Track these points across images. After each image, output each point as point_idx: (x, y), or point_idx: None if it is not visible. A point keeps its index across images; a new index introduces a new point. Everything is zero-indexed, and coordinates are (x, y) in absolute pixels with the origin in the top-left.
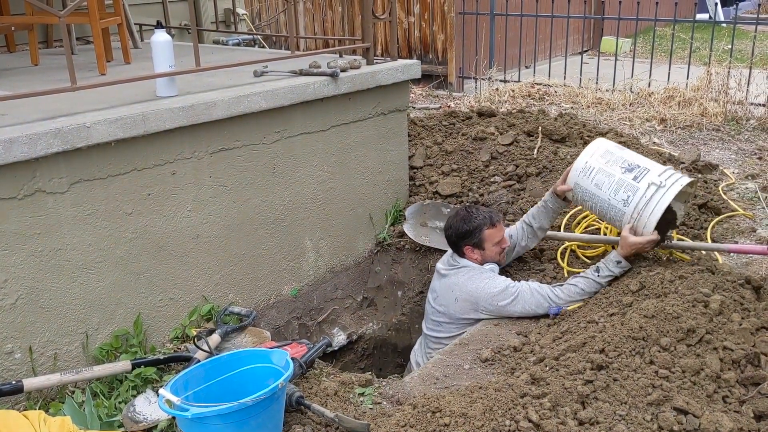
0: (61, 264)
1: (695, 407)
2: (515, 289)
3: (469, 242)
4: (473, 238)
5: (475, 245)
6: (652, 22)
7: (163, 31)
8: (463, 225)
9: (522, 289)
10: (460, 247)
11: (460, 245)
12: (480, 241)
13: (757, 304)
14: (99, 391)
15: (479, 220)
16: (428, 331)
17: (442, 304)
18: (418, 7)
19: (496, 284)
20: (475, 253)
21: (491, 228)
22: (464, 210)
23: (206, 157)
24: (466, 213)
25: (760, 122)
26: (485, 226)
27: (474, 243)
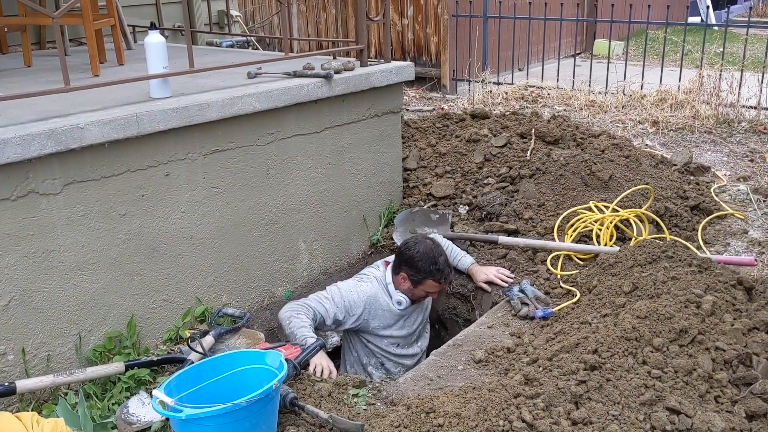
0: (54, 265)
1: (688, 407)
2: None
3: (410, 275)
4: (417, 275)
5: (413, 280)
6: (645, 25)
7: (157, 33)
8: (419, 260)
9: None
10: (401, 269)
11: (402, 268)
12: (419, 281)
13: (748, 304)
14: (92, 392)
15: (433, 268)
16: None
17: None
18: (411, 10)
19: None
20: (407, 283)
21: (435, 282)
22: (430, 248)
23: (200, 159)
24: (429, 253)
25: (751, 125)
26: (433, 278)
27: (414, 279)
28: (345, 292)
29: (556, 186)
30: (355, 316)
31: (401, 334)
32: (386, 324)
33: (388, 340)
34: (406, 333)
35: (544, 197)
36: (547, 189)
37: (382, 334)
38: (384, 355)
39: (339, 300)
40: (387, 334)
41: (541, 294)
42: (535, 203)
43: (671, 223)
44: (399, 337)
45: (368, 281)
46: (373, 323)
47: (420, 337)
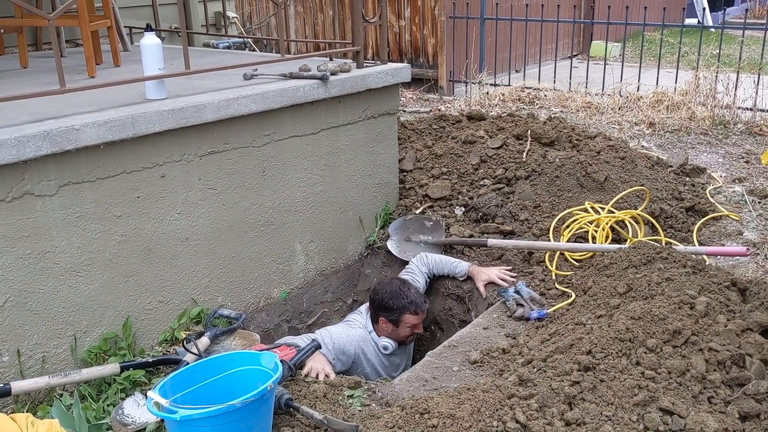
0: (49, 267)
1: (681, 408)
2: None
3: (387, 317)
4: (392, 314)
5: (391, 321)
6: (641, 27)
7: (153, 34)
8: (390, 300)
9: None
10: (378, 315)
11: (378, 314)
12: (397, 320)
13: (742, 305)
14: (87, 393)
15: (405, 302)
16: None
17: None
18: (408, 11)
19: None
20: (388, 326)
21: (413, 315)
22: (397, 286)
23: (195, 160)
24: (397, 290)
25: (747, 126)
26: (408, 311)
27: (391, 319)
28: (336, 336)
29: (551, 187)
30: (345, 356)
31: (385, 373)
32: (371, 368)
33: (371, 374)
34: (390, 371)
35: (539, 198)
36: (542, 190)
37: (365, 371)
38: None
39: (330, 343)
40: (369, 370)
41: (537, 295)
42: (530, 204)
43: (666, 224)
44: (382, 373)
45: (356, 327)
46: (359, 368)
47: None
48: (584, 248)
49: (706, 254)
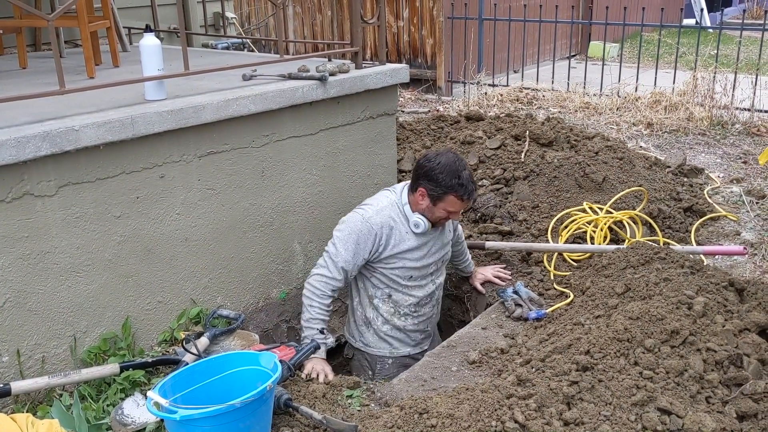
0: (49, 267)
1: (679, 408)
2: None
3: (430, 189)
4: (437, 189)
5: (432, 196)
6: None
7: (152, 35)
8: (441, 172)
9: (330, 258)
10: (419, 185)
11: (420, 183)
12: (439, 197)
13: (740, 305)
14: (87, 394)
15: (456, 181)
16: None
17: None
18: (407, 12)
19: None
20: (425, 200)
21: (458, 199)
22: (453, 160)
23: (195, 161)
24: (453, 165)
25: (745, 126)
26: (455, 192)
27: (433, 194)
28: (352, 237)
29: (550, 188)
30: (368, 252)
31: (416, 264)
32: (400, 251)
33: (400, 270)
34: (421, 264)
35: (538, 199)
36: (541, 191)
37: (393, 264)
38: (392, 286)
39: (351, 255)
40: (399, 265)
41: (535, 295)
42: (529, 205)
43: (664, 224)
44: (412, 268)
45: (378, 205)
46: (386, 252)
47: (436, 272)
48: (582, 249)
49: (704, 253)
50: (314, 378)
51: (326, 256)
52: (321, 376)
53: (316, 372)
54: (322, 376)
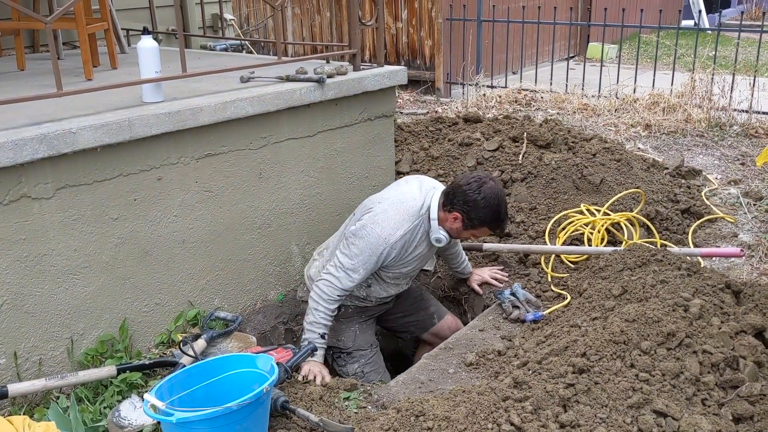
0: (46, 269)
1: (675, 410)
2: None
3: (467, 216)
4: (474, 219)
5: (465, 221)
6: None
7: (150, 37)
8: (484, 205)
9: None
10: (454, 206)
11: (457, 207)
12: (473, 225)
13: (736, 308)
14: (84, 396)
15: (495, 217)
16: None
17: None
18: (406, 13)
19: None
20: (457, 224)
21: (490, 231)
22: (498, 194)
23: (192, 163)
24: (497, 200)
25: (743, 128)
26: (491, 226)
27: (467, 221)
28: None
29: (547, 189)
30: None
31: (410, 268)
32: (406, 259)
33: (393, 271)
34: (413, 267)
35: (535, 201)
36: (538, 192)
37: (391, 267)
38: (376, 280)
39: (365, 272)
40: (396, 270)
41: (532, 297)
42: (526, 207)
43: (662, 226)
44: (402, 273)
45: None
46: (393, 261)
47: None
48: (580, 251)
49: (701, 255)
50: (311, 380)
51: (339, 266)
52: (318, 378)
53: (314, 374)
54: (319, 378)
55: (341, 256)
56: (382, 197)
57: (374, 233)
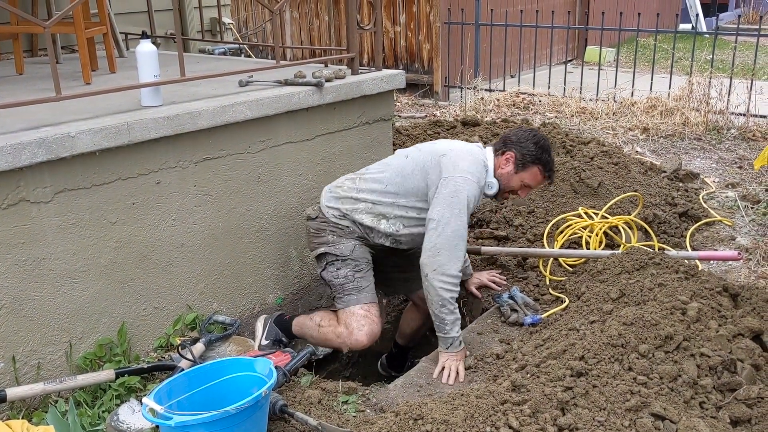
0: (44, 273)
1: (673, 413)
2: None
3: (519, 153)
4: (526, 156)
5: (518, 161)
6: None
7: (148, 42)
8: (535, 143)
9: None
10: (507, 148)
11: (510, 147)
12: (524, 165)
13: (734, 311)
14: (82, 400)
15: (546, 156)
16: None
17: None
18: (404, 17)
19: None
20: (509, 165)
21: (540, 173)
22: (547, 141)
23: (191, 167)
24: (547, 144)
25: (740, 131)
26: (541, 164)
27: (519, 159)
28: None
29: (545, 193)
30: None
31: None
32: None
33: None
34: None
35: (533, 204)
36: (536, 196)
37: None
38: (396, 220)
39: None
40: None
41: (531, 300)
42: (524, 210)
43: (660, 229)
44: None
45: (475, 165)
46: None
47: None
48: (578, 254)
49: (699, 259)
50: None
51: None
52: (453, 376)
53: (449, 370)
54: (453, 376)
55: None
56: (445, 148)
57: (466, 184)
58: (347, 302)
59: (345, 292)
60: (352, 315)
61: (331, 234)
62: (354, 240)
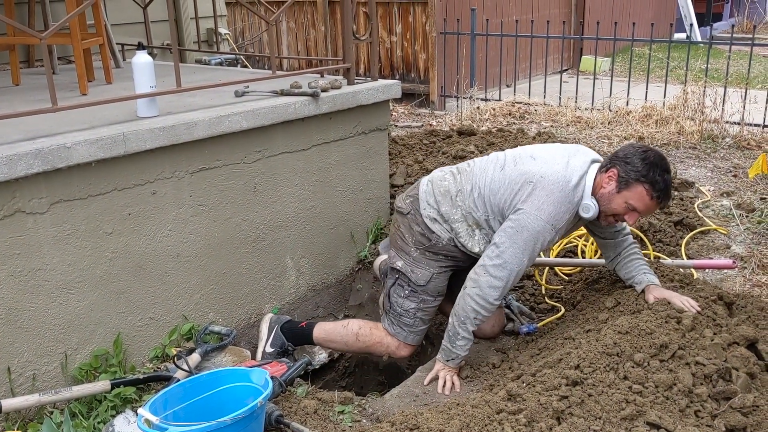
0: (40, 284)
1: (668, 421)
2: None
3: (622, 173)
4: (629, 174)
5: (620, 179)
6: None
7: (145, 53)
8: (642, 159)
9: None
10: (613, 164)
11: (615, 163)
12: (627, 183)
13: (728, 319)
14: (78, 411)
15: (653, 175)
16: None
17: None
18: (400, 27)
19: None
20: (611, 184)
21: (646, 194)
22: (661, 160)
23: (187, 177)
24: (658, 161)
25: (735, 140)
26: (648, 183)
27: (623, 177)
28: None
29: None
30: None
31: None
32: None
33: None
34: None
35: None
36: None
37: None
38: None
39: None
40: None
41: (527, 309)
42: None
43: (655, 238)
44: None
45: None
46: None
47: None
48: (573, 263)
49: (694, 267)
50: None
51: (510, 272)
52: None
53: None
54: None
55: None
56: (536, 174)
57: (541, 220)
58: (395, 332)
59: (399, 322)
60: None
61: (416, 248)
62: (435, 267)
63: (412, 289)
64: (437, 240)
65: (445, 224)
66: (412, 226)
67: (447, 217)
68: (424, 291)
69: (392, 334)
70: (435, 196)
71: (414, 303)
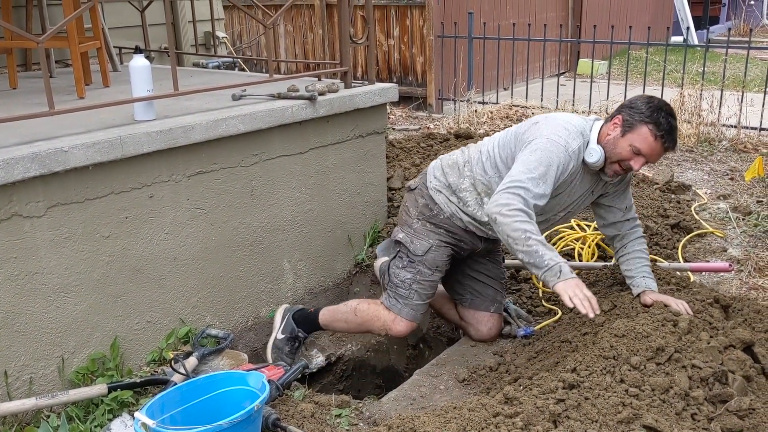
0: (37, 288)
1: (664, 425)
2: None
3: (627, 115)
4: (633, 116)
5: (625, 123)
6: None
7: (142, 56)
8: (644, 103)
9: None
10: (618, 112)
11: (618, 111)
12: (631, 125)
13: (725, 322)
14: (75, 415)
15: (656, 116)
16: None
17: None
18: (397, 30)
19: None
20: (616, 130)
21: (650, 134)
22: (665, 104)
23: (184, 180)
24: (661, 105)
25: (732, 143)
26: (651, 124)
27: (627, 122)
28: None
29: None
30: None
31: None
32: (562, 187)
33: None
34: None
35: None
36: None
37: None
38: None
39: (552, 176)
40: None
41: (524, 312)
42: None
43: (652, 241)
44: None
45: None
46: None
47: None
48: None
49: (690, 270)
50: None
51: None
52: (585, 303)
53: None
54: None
55: (519, 171)
56: (540, 117)
57: (552, 141)
58: (390, 305)
59: (395, 294)
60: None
61: (418, 219)
62: (435, 239)
63: (410, 259)
64: (439, 211)
65: (452, 196)
66: (417, 199)
67: (455, 188)
68: (421, 262)
69: (388, 307)
70: (443, 168)
71: (410, 273)
